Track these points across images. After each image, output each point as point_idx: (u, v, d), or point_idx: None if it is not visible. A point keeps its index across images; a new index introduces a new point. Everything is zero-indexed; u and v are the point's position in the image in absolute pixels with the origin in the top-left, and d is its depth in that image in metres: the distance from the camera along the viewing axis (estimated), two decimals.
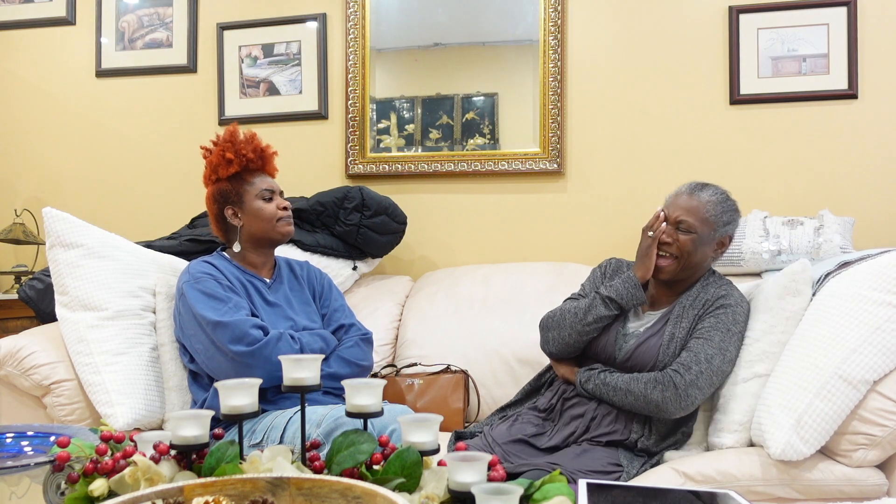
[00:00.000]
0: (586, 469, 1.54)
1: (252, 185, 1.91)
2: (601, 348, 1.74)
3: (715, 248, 1.72)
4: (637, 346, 1.69)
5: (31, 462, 1.08)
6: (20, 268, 2.96)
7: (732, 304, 1.67)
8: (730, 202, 1.74)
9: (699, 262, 1.71)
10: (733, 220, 1.73)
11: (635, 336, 1.72)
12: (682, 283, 1.76)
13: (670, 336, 1.67)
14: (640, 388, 1.60)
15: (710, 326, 1.64)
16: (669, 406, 1.58)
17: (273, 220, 1.91)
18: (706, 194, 1.71)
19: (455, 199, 2.70)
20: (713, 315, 1.66)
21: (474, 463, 0.98)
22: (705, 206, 1.69)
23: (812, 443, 1.48)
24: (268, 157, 1.96)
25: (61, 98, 3.02)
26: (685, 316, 1.69)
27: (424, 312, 2.38)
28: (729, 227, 1.72)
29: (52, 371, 1.89)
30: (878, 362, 1.48)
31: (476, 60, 2.70)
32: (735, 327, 1.66)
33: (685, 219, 1.69)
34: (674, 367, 1.60)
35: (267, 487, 0.96)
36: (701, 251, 1.69)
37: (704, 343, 1.62)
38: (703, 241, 1.68)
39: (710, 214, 1.68)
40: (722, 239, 1.73)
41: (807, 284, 1.68)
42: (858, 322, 1.52)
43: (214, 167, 1.91)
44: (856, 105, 2.41)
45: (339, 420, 1.54)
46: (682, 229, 1.69)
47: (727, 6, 2.49)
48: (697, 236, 1.68)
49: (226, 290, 1.80)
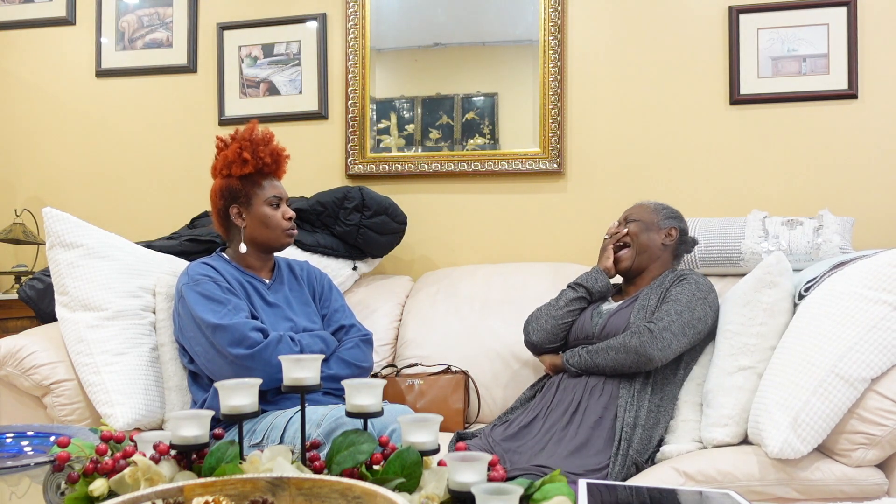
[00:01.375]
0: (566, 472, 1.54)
1: (262, 189, 1.89)
2: (580, 329, 1.92)
3: (663, 236, 1.96)
4: (609, 317, 1.87)
5: (31, 462, 1.08)
6: (20, 268, 2.96)
7: (694, 277, 1.85)
8: (668, 206, 2.03)
9: (649, 244, 1.95)
10: (675, 216, 2.01)
11: (608, 312, 1.90)
12: (648, 274, 1.97)
13: (640, 307, 1.84)
14: (618, 340, 1.75)
15: (676, 292, 1.81)
16: (648, 348, 1.70)
17: (278, 229, 1.90)
18: (645, 201, 2.05)
19: (455, 199, 2.70)
20: (677, 285, 1.84)
21: (474, 463, 0.98)
22: (647, 206, 2.02)
23: (809, 441, 1.48)
24: (282, 160, 1.94)
25: (61, 98, 3.02)
26: (652, 294, 1.86)
27: (424, 312, 2.38)
28: (672, 221, 1.99)
29: (52, 371, 1.89)
30: (874, 360, 1.49)
31: (476, 60, 2.70)
32: (699, 292, 1.81)
33: (629, 214, 2.01)
34: (644, 322, 1.76)
35: (267, 487, 0.96)
36: (647, 235, 1.95)
37: (673, 304, 1.78)
38: (648, 226, 1.96)
39: (651, 209, 2.00)
40: (668, 230, 1.97)
41: (782, 276, 1.71)
42: (854, 320, 1.52)
43: (228, 163, 1.87)
44: (856, 105, 2.41)
45: (340, 420, 1.54)
46: (629, 221, 1.99)
47: (727, 6, 2.49)
48: (642, 222, 1.97)
49: (225, 292, 1.80)
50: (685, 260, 2.28)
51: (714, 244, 2.25)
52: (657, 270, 1.97)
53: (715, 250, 2.25)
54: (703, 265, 2.28)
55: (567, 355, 1.85)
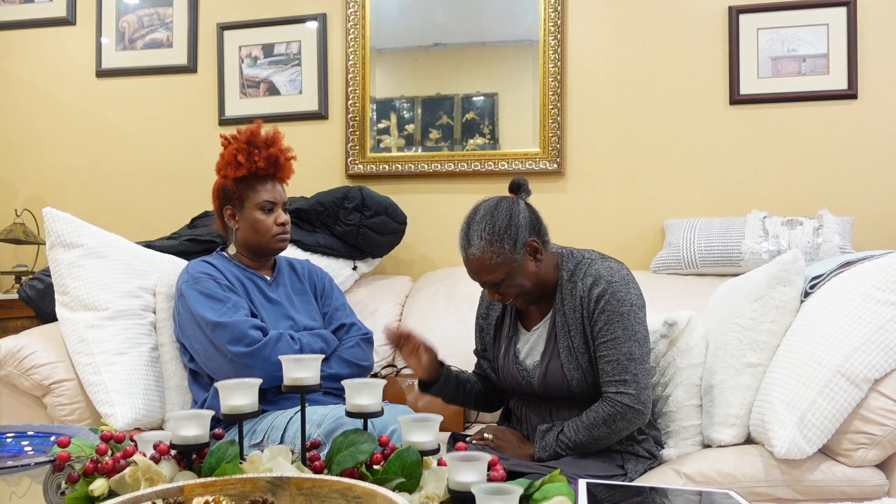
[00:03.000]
0: (585, 473, 1.53)
1: (256, 192, 1.86)
2: (515, 387, 1.70)
3: (529, 259, 1.58)
4: (543, 376, 1.62)
5: (32, 462, 1.08)
6: (20, 268, 2.96)
7: (606, 286, 1.57)
8: (496, 230, 1.55)
9: (533, 280, 1.60)
10: (516, 234, 1.56)
11: (536, 367, 1.65)
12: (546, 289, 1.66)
13: (566, 351, 1.60)
14: (603, 431, 1.54)
15: (606, 325, 1.56)
16: (636, 423, 1.55)
17: (268, 234, 1.87)
18: (474, 248, 1.56)
19: (455, 199, 2.70)
20: (600, 315, 1.56)
21: (474, 463, 0.99)
22: (483, 256, 1.55)
23: (814, 441, 1.48)
24: (282, 164, 1.89)
25: (61, 98, 3.02)
26: (569, 322, 1.61)
27: (424, 312, 2.37)
28: (518, 241, 1.55)
29: (52, 371, 1.89)
30: (880, 361, 1.48)
31: (476, 60, 2.70)
32: (624, 306, 1.56)
33: (487, 278, 1.58)
34: (613, 389, 1.54)
35: (267, 487, 0.96)
36: (521, 275, 1.57)
37: (614, 344, 1.55)
38: (514, 271, 1.56)
39: (493, 259, 1.54)
40: (524, 246, 1.57)
41: (797, 275, 1.66)
42: (862, 321, 1.51)
43: (225, 164, 1.86)
44: (856, 105, 2.41)
45: (340, 420, 1.54)
46: (495, 284, 1.59)
47: (727, 6, 2.49)
48: (506, 275, 1.56)
49: (224, 290, 1.79)
50: (683, 260, 2.28)
51: (714, 244, 2.25)
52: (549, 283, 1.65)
53: (715, 250, 2.25)
54: (703, 265, 2.28)
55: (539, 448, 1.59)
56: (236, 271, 1.89)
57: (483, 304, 1.82)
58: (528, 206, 1.65)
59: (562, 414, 1.65)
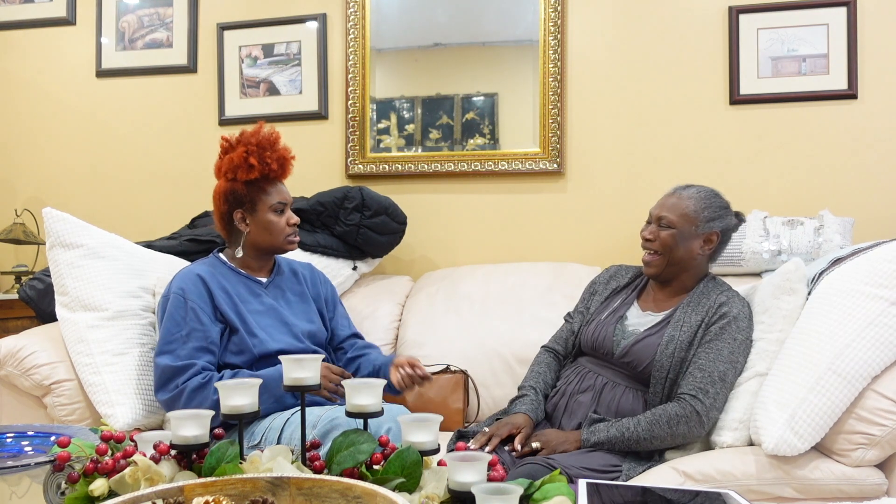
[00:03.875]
0: (582, 466, 1.54)
1: (268, 195, 1.85)
2: (599, 343, 1.75)
3: (701, 244, 1.73)
4: (634, 343, 1.69)
5: (32, 462, 1.09)
6: (20, 268, 2.96)
7: (735, 314, 1.67)
8: (715, 199, 1.75)
9: (685, 257, 1.72)
10: (719, 216, 1.73)
11: (634, 334, 1.73)
12: (677, 282, 1.77)
13: (669, 338, 1.67)
14: (664, 430, 1.58)
15: (717, 338, 1.64)
16: (695, 434, 1.61)
17: (281, 235, 1.87)
18: (688, 192, 1.75)
19: (455, 199, 2.70)
20: (718, 326, 1.65)
21: (474, 463, 0.99)
22: (685, 203, 1.73)
23: (806, 438, 1.48)
24: (287, 164, 1.90)
25: (61, 98, 3.02)
26: (686, 321, 1.69)
27: (424, 312, 2.38)
28: (714, 224, 1.73)
29: (52, 371, 1.89)
30: (871, 357, 1.49)
31: (476, 60, 2.70)
32: (741, 335, 1.66)
33: (664, 214, 1.73)
34: (691, 393, 1.60)
35: (267, 487, 0.97)
36: (684, 246, 1.71)
37: (715, 358, 1.62)
38: (684, 236, 1.71)
39: (690, 210, 1.71)
40: (708, 235, 1.73)
41: (801, 282, 1.69)
42: (852, 317, 1.52)
43: (234, 167, 1.83)
44: (856, 105, 2.41)
45: (336, 421, 1.53)
46: (663, 225, 1.73)
47: (727, 6, 2.49)
48: (677, 231, 1.71)
49: (189, 316, 1.77)
50: None
51: None
52: (691, 281, 1.77)
53: None
54: None
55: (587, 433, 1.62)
56: (230, 275, 1.87)
57: (608, 272, 1.95)
58: (735, 224, 1.79)
59: (607, 398, 1.69)
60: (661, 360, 1.65)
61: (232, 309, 1.81)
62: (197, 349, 1.74)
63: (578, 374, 1.78)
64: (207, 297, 1.79)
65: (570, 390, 1.76)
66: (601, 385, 1.72)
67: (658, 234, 1.73)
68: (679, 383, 1.65)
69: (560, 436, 1.66)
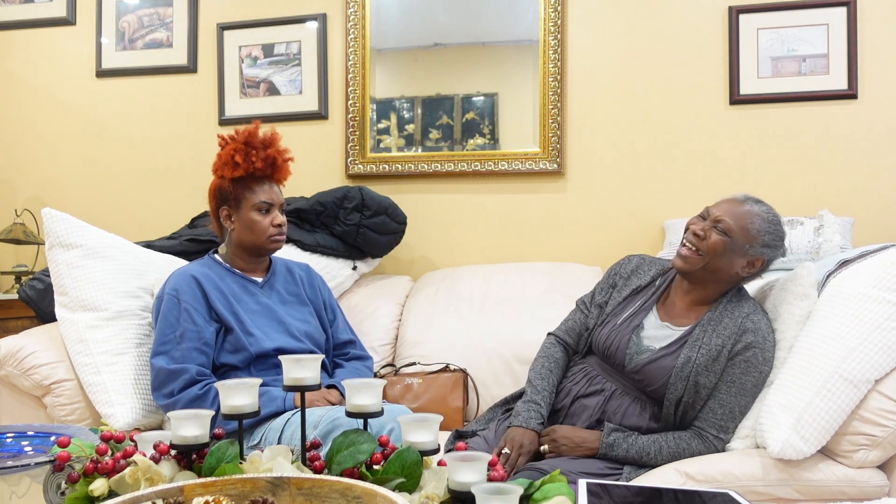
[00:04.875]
0: (581, 472, 1.54)
1: (253, 193, 1.86)
2: (611, 352, 1.68)
3: (745, 265, 1.62)
4: (648, 363, 1.62)
5: (32, 462, 1.08)
6: (20, 268, 2.96)
7: (760, 343, 1.59)
8: (779, 227, 1.64)
9: (724, 269, 1.61)
10: (774, 245, 1.62)
11: (649, 350, 1.65)
12: (703, 290, 1.67)
13: (685, 360, 1.59)
14: (685, 452, 1.59)
15: (742, 372, 1.59)
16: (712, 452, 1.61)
17: (264, 235, 1.87)
18: (757, 207, 1.64)
19: (455, 199, 2.70)
20: (743, 358, 1.58)
21: (474, 463, 0.98)
22: (752, 218, 1.61)
23: (812, 441, 1.48)
24: (280, 165, 1.89)
25: (61, 98, 3.02)
26: (705, 343, 1.60)
27: (424, 312, 2.37)
28: (766, 251, 1.61)
29: (52, 371, 1.89)
30: (878, 361, 1.48)
31: (476, 60, 2.70)
32: (766, 366, 1.61)
33: (725, 219, 1.61)
34: (713, 433, 1.59)
35: (267, 487, 0.96)
36: (728, 259, 1.60)
37: (738, 393, 1.58)
38: (734, 249, 1.60)
39: (754, 228, 1.60)
40: (754, 259, 1.61)
41: (812, 287, 1.67)
42: (859, 320, 1.51)
43: (222, 164, 1.86)
44: (856, 105, 2.41)
45: (337, 421, 1.53)
46: (719, 229, 1.61)
47: (727, 6, 2.49)
48: (731, 241, 1.59)
49: (184, 317, 1.77)
50: None
51: None
52: (716, 293, 1.67)
53: None
54: None
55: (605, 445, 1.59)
56: (225, 275, 1.88)
57: (630, 264, 1.82)
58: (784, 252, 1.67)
59: (613, 406, 1.66)
60: (676, 384, 1.59)
61: (227, 308, 1.81)
62: (191, 350, 1.75)
63: (587, 375, 1.73)
64: (202, 298, 1.80)
65: (577, 392, 1.72)
66: (609, 392, 1.67)
67: (710, 235, 1.61)
68: (696, 412, 1.61)
69: (572, 440, 1.63)
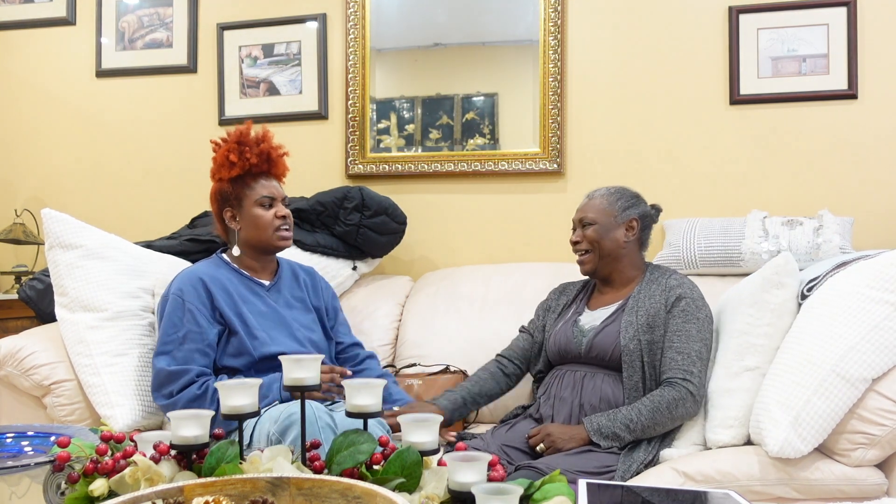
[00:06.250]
0: (577, 470, 1.54)
1: (252, 189, 1.86)
2: (563, 348, 1.83)
3: (624, 232, 1.83)
4: (596, 335, 1.78)
5: (32, 462, 1.08)
6: (20, 268, 2.96)
7: (690, 294, 1.77)
8: (624, 191, 1.89)
9: (613, 247, 1.83)
10: (632, 204, 1.86)
11: (592, 329, 1.80)
12: (617, 275, 1.87)
13: (627, 322, 1.75)
14: (664, 415, 1.65)
15: (684, 321, 1.73)
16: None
17: (270, 229, 1.86)
18: (598, 192, 1.90)
19: (455, 199, 2.70)
20: (679, 308, 1.74)
21: (474, 463, 0.99)
22: (599, 201, 1.87)
23: (810, 440, 1.48)
24: (275, 160, 1.90)
25: (61, 98, 3.02)
26: (641, 306, 1.77)
27: (424, 313, 2.37)
28: (630, 211, 1.85)
29: (52, 371, 1.89)
30: (875, 360, 1.49)
31: (476, 60, 2.70)
32: (701, 313, 1.75)
33: (586, 215, 1.86)
34: (680, 376, 1.67)
35: (267, 487, 0.97)
36: (609, 238, 1.83)
37: (688, 339, 1.71)
38: (606, 228, 1.83)
39: (605, 205, 1.85)
40: (628, 222, 1.84)
41: (790, 276, 1.70)
42: (857, 320, 1.52)
43: (218, 167, 1.87)
44: (856, 105, 2.41)
45: (293, 417, 1.51)
46: (586, 224, 1.85)
47: (727, 6, 2.49)
48: (599, 226, 1.83)
49: (186, 320, 1.77)
50: (683, 260, 2.28)
51: (714, 244, 2.25)
52: (630, 271, 1.87)
53: (715, 250, 2.25)
54: (703, 265, 2.28)
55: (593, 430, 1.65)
56: (232, 277, 1.87)
57: (558, 289, 2.05)
58: (653, 212, 1.92)
59: (588, 388, 1.74)
60: (627, 344, 1.72)
61: (232, 310, 1.81)
62: (193, 351, 1.75)
63: (557, 377, 1.83)
64: (207, 299, 1.80)
65: (554, 392, 1.81)
66: (580, 378, 1.78)
67: (584, 235, 1.85)
68: (660, 369, 1.72)
69: (564, 433, 1.68)
